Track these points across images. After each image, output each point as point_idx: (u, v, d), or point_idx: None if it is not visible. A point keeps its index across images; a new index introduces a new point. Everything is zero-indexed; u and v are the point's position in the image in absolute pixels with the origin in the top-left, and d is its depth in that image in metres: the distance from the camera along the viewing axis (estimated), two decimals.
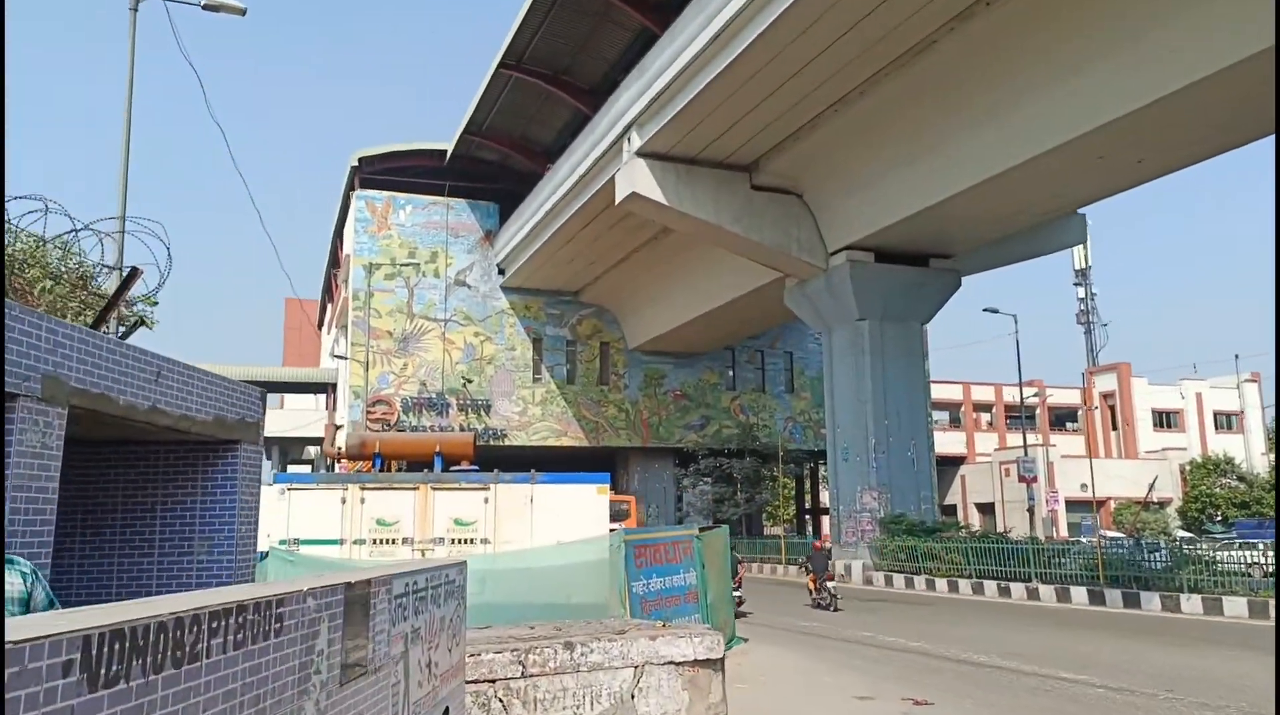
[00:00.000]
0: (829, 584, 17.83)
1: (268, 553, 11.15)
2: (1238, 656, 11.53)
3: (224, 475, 4.76)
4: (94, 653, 1.69)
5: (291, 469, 48.58)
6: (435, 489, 15.07)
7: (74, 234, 5.18)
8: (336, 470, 30.56)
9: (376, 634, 3.36)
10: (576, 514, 14.56)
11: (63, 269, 12.41)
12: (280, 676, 2.49)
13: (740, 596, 16.74)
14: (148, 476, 4.69)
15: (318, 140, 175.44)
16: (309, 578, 2.95)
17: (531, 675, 6.38)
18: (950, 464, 49.87)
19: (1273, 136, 18.46)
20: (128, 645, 1.82)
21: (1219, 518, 40.35)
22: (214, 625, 2.14)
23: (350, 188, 35.86)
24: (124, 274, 5.51)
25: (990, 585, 20.65)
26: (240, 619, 2.25)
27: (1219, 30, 15.79)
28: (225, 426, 4.61)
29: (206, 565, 4.77)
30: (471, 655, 5.99)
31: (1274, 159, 20.81)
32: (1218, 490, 43.08)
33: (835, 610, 17.16)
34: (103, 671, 1.72)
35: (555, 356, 36.84)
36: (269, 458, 47.25)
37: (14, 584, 3.05)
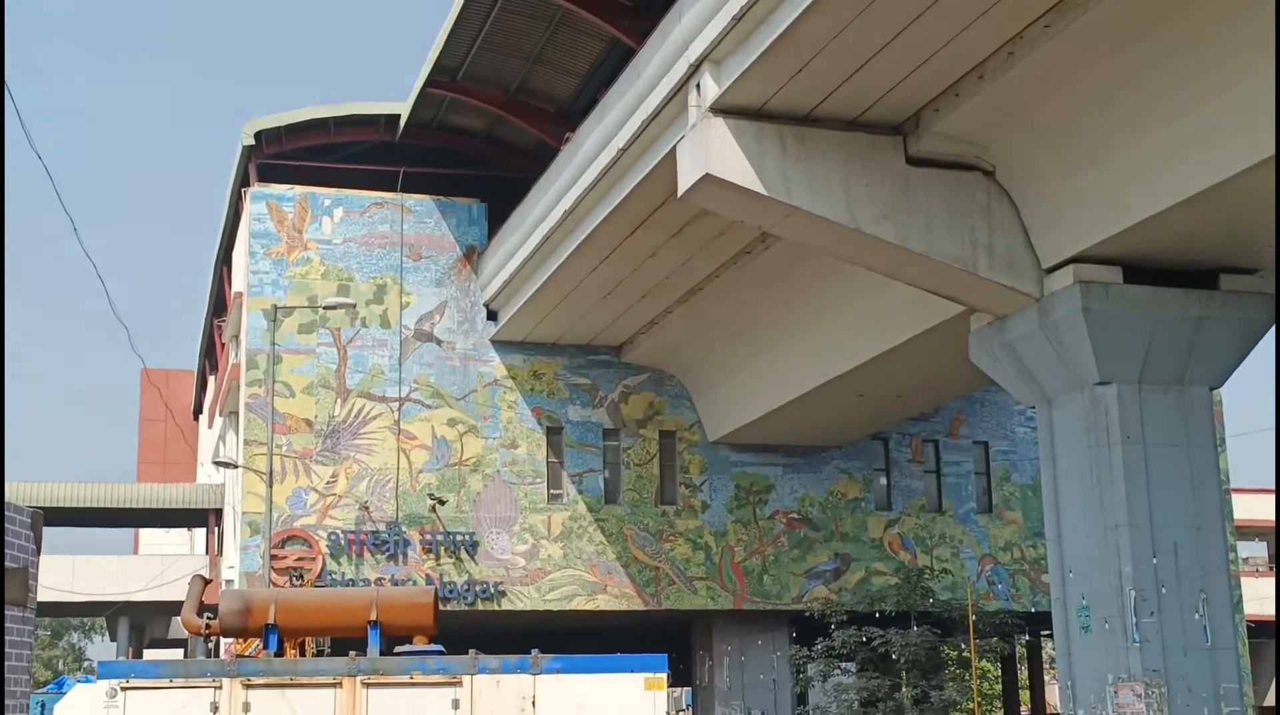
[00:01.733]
0: None
1: None
2: None
3: None
4: None
5: (150, 655, 48.43)
6: (369, 685, 15.20)
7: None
8: (223, 654, 30.16)
9: None
10: None
11: None
12: None
13: None
14: None
15: (201, 111, 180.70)
16: None
17: None
18: (1273, 634, 48.14)
19: None
20: None
21: None
22: None
23: (243, 182, 36.43)
24: None
25: None
26: None
27: None
28: None
29: None
30: None
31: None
32: None
33: None
34: None
35: (585, 458, 36.74)
36: (113, 638, 47.29)
37: None
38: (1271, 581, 50.58)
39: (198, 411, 58.71)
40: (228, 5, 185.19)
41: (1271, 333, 26.76)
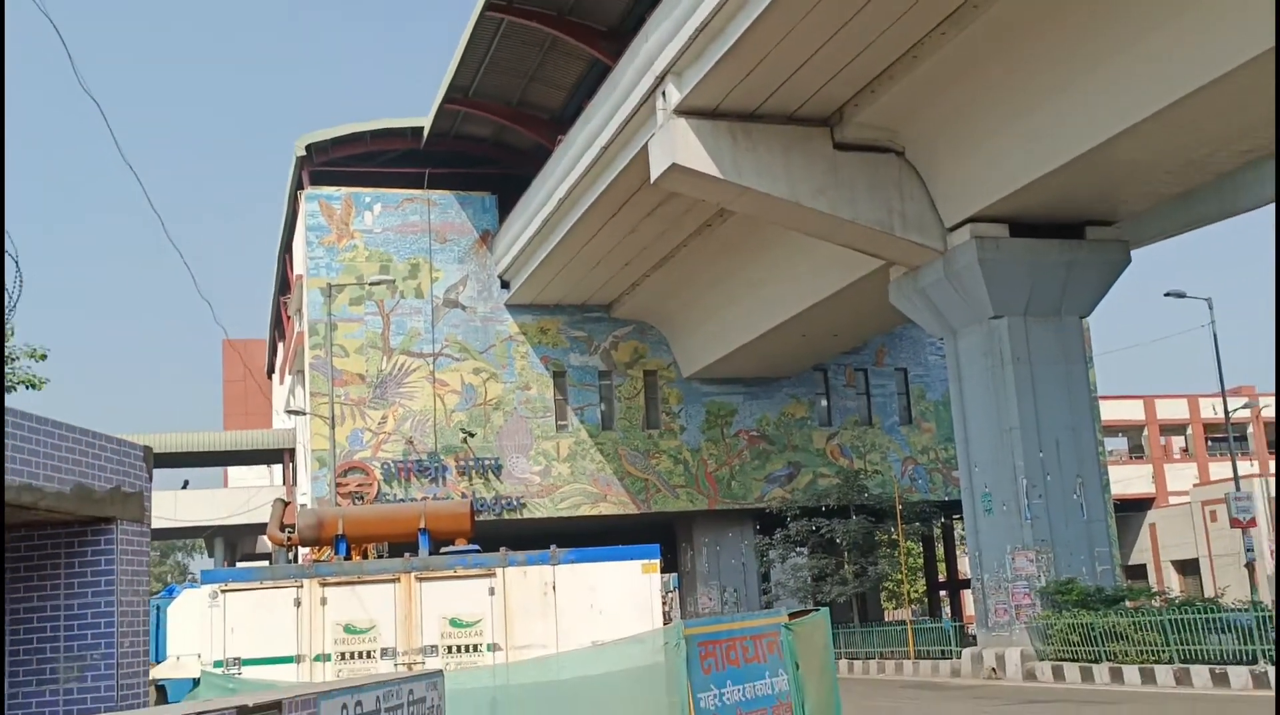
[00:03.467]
0: None
1: (199, 681, 11.06)
2: None
3: (95, 568, 4.56)
4: None
5: (242, 567, 48.57)
6: (422, 579, 15.03)
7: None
8: (301, 561, 30.62)
9: None
10: (617, 602, 14.49)
11: None
12: None
13: None
14: None
15: (259, 127, 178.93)
16: (179, 706, 2.72)
17: None
18: (1134, 508, 48.93)
19: None
20: None
21: None
22: None
23: (298, 186, 36.28)
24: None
25: (1200, 671, 19.94)
26: None
27: None
28: (92, 499, 4.42)
29: (78, 697, 4.56)
30: None
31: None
32: None
33: None
34: None
35: (585, 394, 36.83)
36: (210, 555, 47.58)
37: None
38: (1129, 468, 51.57)
39: (270, 371, 58.29)
40: (276, 37, 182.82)
41: (1129, 268, 27.18)
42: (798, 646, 11.87)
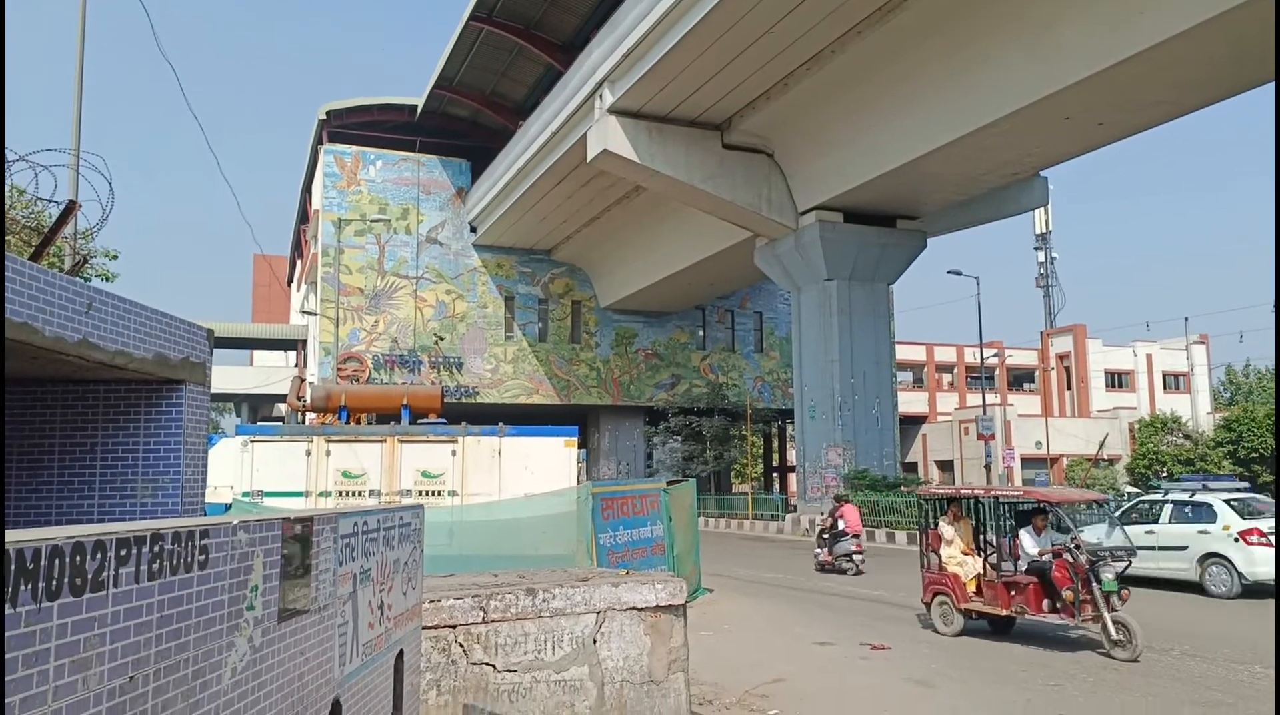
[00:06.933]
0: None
1: (230, 505, 10.91)
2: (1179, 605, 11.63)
3: (168, 416, 4.54)
4: None
5: (263, 424, 47.60)
6: (402, 441, 14.64)
7: (5, 167, 4.85)
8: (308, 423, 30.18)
9: (320, 572, 3.20)
10: (544, 466, 14.29)
11: (19, 218, 11.94)
12: (206, 611, 2.33)
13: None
14: (86, 417, 4.46)
15: (286, 92, 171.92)
16: (241, 515, 2.81)
17: (493, 621, 6.26)
18: (912, 423, 50.21)
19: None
20: (13, 568, 1.64)
21: (1165, 474, 41.00)
22: (123, 553, 1.96)
23: (318, 142, 35.11)
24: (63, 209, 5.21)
25: None
26: (156, 548, 2.08)
27: None
28: (168, 365, 4.38)
29: (150, 509, 4.56)
30: (432, 601, 5.85)
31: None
32: (1164, 448, 43.71)
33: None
34: None
35: (527, 315, 36.49)
36: (238, 415, 46.58)
37: None
38: (912, 393, 52.86)
39: (290, 280, 56.99)
40: (311, 22, 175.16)
41: (924, 251, 27.74)
42: (671, 505, 12.19)
